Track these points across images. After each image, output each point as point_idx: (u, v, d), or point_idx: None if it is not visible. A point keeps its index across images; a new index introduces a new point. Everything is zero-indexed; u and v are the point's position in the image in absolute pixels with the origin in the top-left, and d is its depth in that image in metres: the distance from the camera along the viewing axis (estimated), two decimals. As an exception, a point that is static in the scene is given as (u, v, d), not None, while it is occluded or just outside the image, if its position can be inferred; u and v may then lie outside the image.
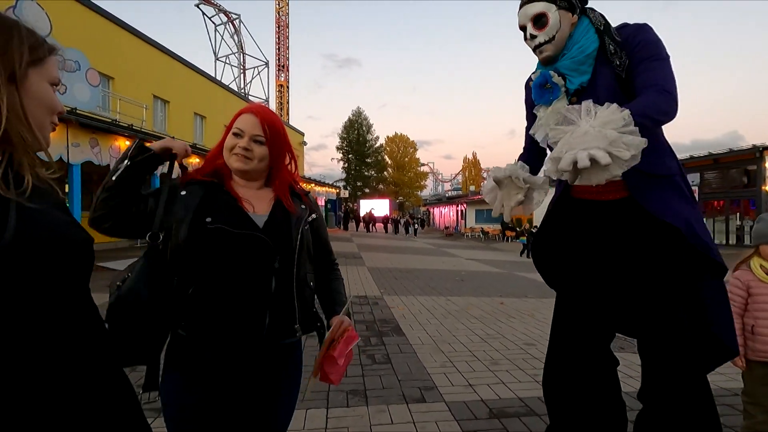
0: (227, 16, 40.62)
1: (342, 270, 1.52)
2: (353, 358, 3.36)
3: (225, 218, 1.11)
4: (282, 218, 1.17)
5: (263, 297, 1.11)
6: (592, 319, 1.56)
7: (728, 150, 19.66)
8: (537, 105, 1.53)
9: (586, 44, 1.44)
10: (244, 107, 1.22)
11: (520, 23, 1.52)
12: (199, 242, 1.09)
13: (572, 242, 1.58)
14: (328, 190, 28.76)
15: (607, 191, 1.45)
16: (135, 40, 14.02)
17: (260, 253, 1.11)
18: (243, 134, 1.15)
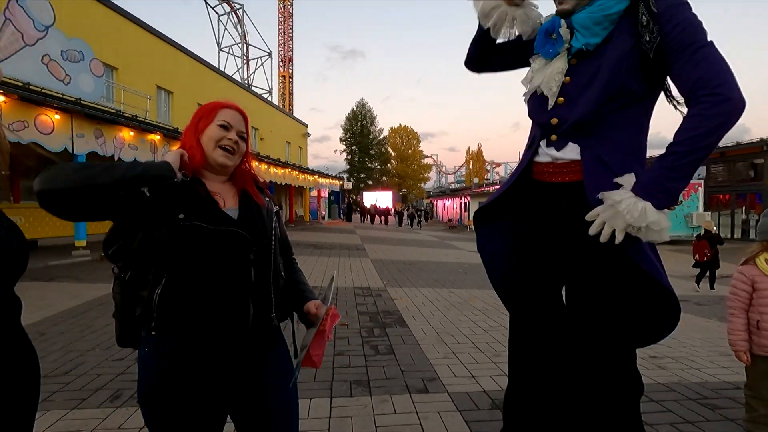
0: (230, 5, 40.34)
1: (345, 262, 1.58)
2: (357, 348, 3.40)
3: (200, 214, 1.08)
4: (254, 211, 1.18)
5: (245, 288, 1.12)
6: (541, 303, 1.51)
7: (735, 143, 19.48)
8: (535, 54, 1.40)
9: (611, 3, 1.24)
10: (220, 101, 1.19)
11: None
12: (173, 239, 1.06)
13: (534, 220, 1.48)
14: (332, 181, 28.72)
15: (563, 173, 1.36)
16: (139, 30, 13.97)
17: (237, 247, 1.11)
18: (231, 128, 1.15)
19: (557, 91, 1.33)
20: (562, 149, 1.35)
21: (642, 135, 1.31)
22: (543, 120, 1.37)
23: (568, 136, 1.32)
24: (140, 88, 13.16)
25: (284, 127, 28.05)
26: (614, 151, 1.26)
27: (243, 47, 41.63)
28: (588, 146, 1.29)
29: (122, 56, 12.84)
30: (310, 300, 1.25)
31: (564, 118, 1.31)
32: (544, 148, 1.40)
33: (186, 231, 1.06)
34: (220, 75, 20.70)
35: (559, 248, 1.41)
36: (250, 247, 1.14)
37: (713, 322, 4.95)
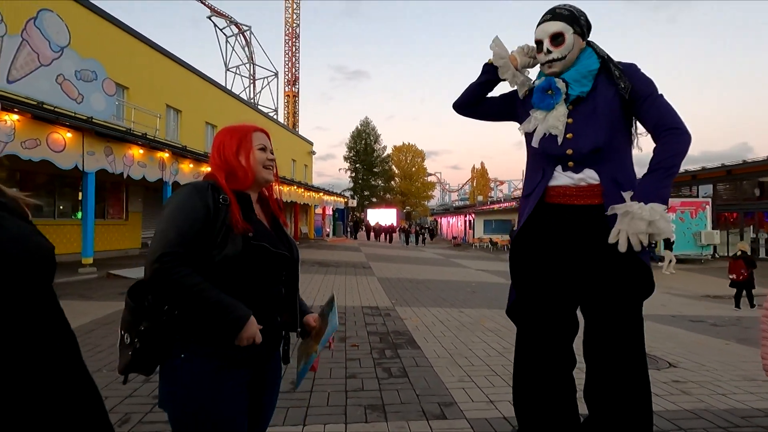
0: (238, 27, 41.36)
1: (352, 280, 1.72)
2: (369, 370, 3.31)
3: (263, 235, 1.19)
4: (283, 231, 1.31)
5: (277, 306, 1.24)
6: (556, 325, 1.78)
7: (742, 161, 19.42)
8: (534, 108, 1.74)
9: (590, 63, 1.67)
10: (248, 125, 1.30)
11: (537, 38, 1.71)
12: (244, 257, 1.12)
13: (546, 241, 1.74)
14: (336, 199, 28.80)
15: (586, 196, 1.66)
16: (150, 51, 14.28)
17: (279, 267, 1.23)
18: (266, 149, 1.28)
19: (563, 129, 1.67)
20: (581, 173, 1.67)
21: (630, 158, 1.74)
22: (558, 152, 1.68)
23: (584, 164, 1.65)
24: (150, 107, 13.36)
25: (290, 145, 28.31)
26: (624, 173, 1.63)
27: (250, 67, 42.46)
28: (604, 170, 1.63)
29: (134, 76, 13.09)
30: (309, 314, 1.41)
31: (578, 148, 1.65)
32: (560, 173, 1.71)
33: (252, 250, 1.14)
34: (227, 94, 21.03)
35: (577, 265, 1.68)
36: (288, 268, 1.26)
37: (732, 344, 4.82)
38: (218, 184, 1.17)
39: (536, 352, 1.80)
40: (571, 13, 1.66)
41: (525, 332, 1.86)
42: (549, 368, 1.78)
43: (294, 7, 43.63)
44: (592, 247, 1.63)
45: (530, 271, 1.79)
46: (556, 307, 1.75)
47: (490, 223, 31.21)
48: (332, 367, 3.33)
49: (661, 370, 3.49)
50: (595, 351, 1.71)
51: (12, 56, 7.22)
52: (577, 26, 1.66)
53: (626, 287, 1.63)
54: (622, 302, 1.64)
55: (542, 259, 1.75)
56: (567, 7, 1.68)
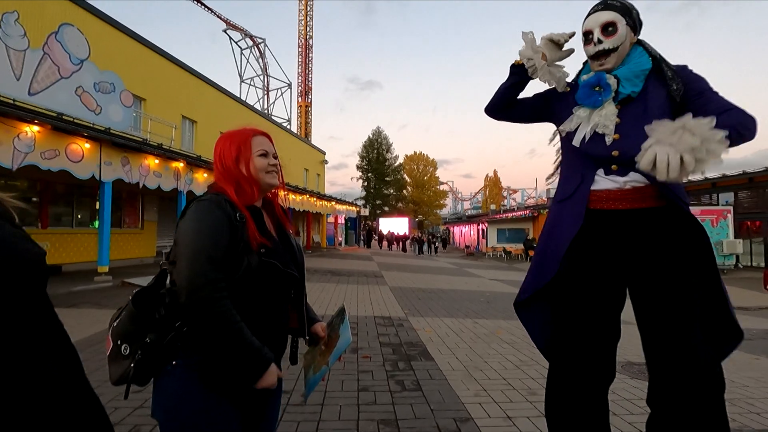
0: (253, 40, 42.17)
1: (364, 289, 1.65)
2: (382, 383, 3.22)
3: (274, 252, 1.13)
4: (292, 245, 1.26)
5: (284, 324, 1.20)
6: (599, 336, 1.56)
7: (764, 168, 18.87)
8: (578, 105, 1.60)
9: (643, 61, 1.55)
10: (246, 129, 1.24)
11: (586, 28, 1.57)
12: (257, 274, 1.09)
13: (599, 258, 1.56)
14: (348, 208, 28.84)
15: (637, 200, 1.50)
16: (167, 63, 14.58)
17: (288, 286, 1.19)
18: (268, 154, 1.23)
19: (613, 129, 1.53)
20: (626, 176, 1.51)
21: None
22: (604, 153, 1.54)
23: (630, 166, 1.47)
24: (166, 118, 13.60)
25: (303, 155, 28.54)
26: (677, 187, 1.48)
27: (264, 79, 43.16)
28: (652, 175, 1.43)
29: (150, 87, 13.37)
30: (318, 322, 1.36)
31: (624, 150, 1.48)
32: (603, 177, 1.55)
33: (265, 268, 1.09)
34: (241, 105, 21.35)
35: (625, 269, 1.51)
36: (295, 287, 1.22)
37: (763, 359, 4.60)
38: (230, 198, 1.12)
39: (577, 403, 1.54)
40: (623, 4, 1.55)
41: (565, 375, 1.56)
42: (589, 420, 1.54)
43: (307, 20, 44.35)
44: (648, 257, 1.45)
45: (584, 299, 1.54)
46: (605, 345, 1.53)
47: (504, 231, 30.86)
48: (344, 380, 3.25)
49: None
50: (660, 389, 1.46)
51: (33, 69, 7.41)
52: (629, 18, 1.54)
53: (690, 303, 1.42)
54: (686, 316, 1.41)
55: (596, 283, 1.53)
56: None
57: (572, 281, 1.56)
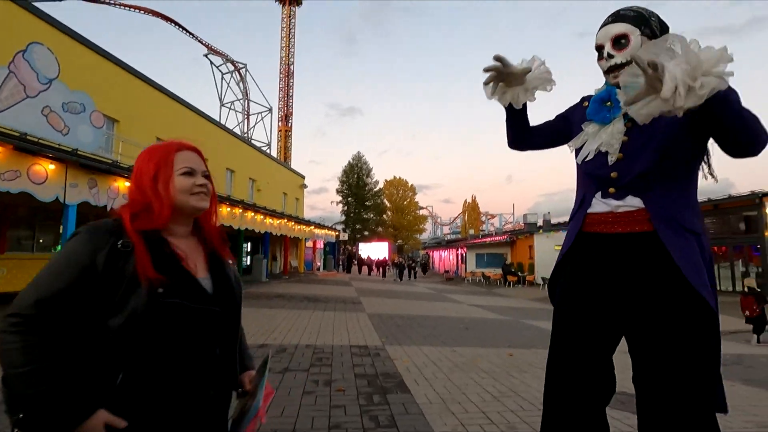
0: (234, 65, 42.39)
1: (341, 316, 1.44)
2: (355, 419, 3.04)
3: (179, 288, 0.93)
4: (226, 279, 1.07)
5: (208, 377, 0.98)
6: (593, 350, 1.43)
7: (728, 196, 19.75)
8: (587, 120, 1.51)
9: None
10: (172, 143, 1.08)
11: (598, 42, 1.47)
12: (149, 320, 0.88)
13: (587, 274, 1.47)
14: (327, 232, 28.58)
15: (626, 223, 1.39)
16: (140, 84, 14.39)
17: (211, 328, 0.98)
18: (195, 172, 1.05)
19: (618, 148, 1.43)
20: (622, 200, 1.42)
21: (694, 189, 1.42)
22: (603, 174, 1.45)
23: (628, 189, 1.40)
24: (141, 140, 13.30)
25: (282, 179, 28.34)
26: (672, 204, 1.35)
27: (244, 103, 43.19)
28: (649, 199, 1.37)
29: (124, 109, 13.12)
30: (249, 369, 1.17)
31: (624, 172, 1.40)
32: (599, 200, 1.47)
33: (164, 311, 0.89)
34: (220, 128, 21.18)
35: (620, 299, 1.39)
36: (221, 325, 1.00)
37: (737, 385, 4.60)
38: (123, 224, 0.95)
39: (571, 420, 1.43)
40: (638, 13, 1.42)
41: (557, 393, 1.47)
42: None
43: (289, 47, 45.02)
44: (639, 282, 1.34)
45: (568, 316, 1.48)
46: (595, 360, 1.43)
47: (483, 257, 31.07)
48: (315, 416, 3.05)
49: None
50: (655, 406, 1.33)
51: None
52: (646, 28, 1.40)
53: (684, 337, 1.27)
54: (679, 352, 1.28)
55: (581, 302, 1.46)
56: (633, 8, 1.44)
57: (562, 301, 1.52)
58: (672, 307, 1.28)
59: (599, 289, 1.42)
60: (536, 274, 24.39)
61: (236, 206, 14.33)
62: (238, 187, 21.35)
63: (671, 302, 1.28)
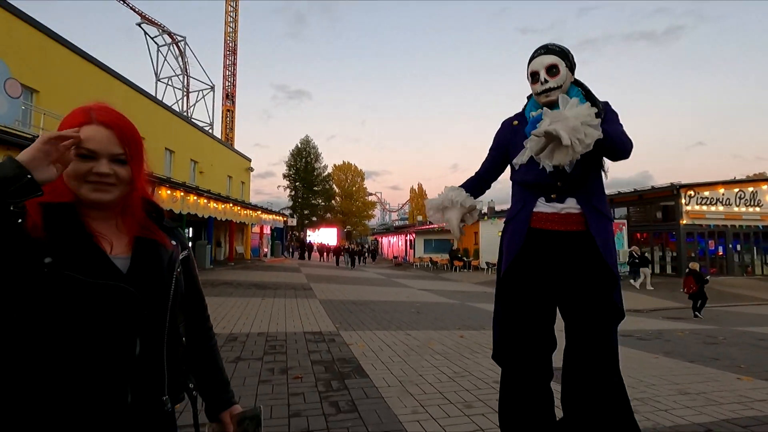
0: (172, 37, 39.44)
1: (292, 303, 1.32)
2: (315, 406, 3.00)
3: (74, 260, 0.78)
4: (151, 260, 0.90)
5: (123, 367, 0.82)
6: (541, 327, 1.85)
7: (651, 187, 21.66)
8: (528, 139, 1.79)
9: (580, 99, 1.74)
10: (82, 110, 0.89)
11: (533, 69, 1.81)
12: (30, 293, 0.75)
13: (537, 271, 1.83)
14: (275, 217, 27.82)
15: (569, 223, 1.79)
16: (66, 52, 12.96)
17: (122, 309, 0.82)
18: (97, 156, 0.84)
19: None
20: (564, 202, 1.80)
21: (602, 185, 1.89)
22: (548, 181, 1.79)
23: (567, 193, 1.79)
24: (65, 113, 12.02)
25: (226, 161, 27.04)
26: (597, 198, 1.81)
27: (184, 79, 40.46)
28: (582, 198, 1.78)
29: (45, 78, 11.76)
30: (232, 405, 1.04)
31: (564, 179, 1.78)
32: (543, 203, 1.82)
33: (51, 284, 0.75)
34: (157, 104, 19.69)
35: (557, 278, 1.81)
36: (140, 310, 0.84)
37: (661, 357, 5.10)
38: None
39: (526, 394, 1.84)
40: (561, 49, 1.81)
41: (514, 375, 1.88)
42: (537, 410, 1.84)
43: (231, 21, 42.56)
44: (574, 273, 1.77)
45: (523, 306, 1.83)
46: (544, 345, 1.85)
47: (431, 242, 31.84)
48: (273, 405, 2.98)
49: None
50: (575, 367, 1.81)
51: None
52: (567, 61, 1.79)
53: (601, 310, 1.77)
54: (597, 326, 1.78)
55: (534, 292, 1.82)
56: (557, 45, 1.83)
57: (513, 287, 1.85)
58: (595, 278, 1.76)
59: (544, 272, 1.80)
60: (481, 259, 25.43)
61: (177, 189, 13.49)
62: (179, 168, 20.08)
63: (594, 275, 1.76)
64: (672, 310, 12.57)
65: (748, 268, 21.70)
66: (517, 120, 1.92)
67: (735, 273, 20.84)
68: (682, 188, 19.92)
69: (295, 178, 49.96)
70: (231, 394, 1.07)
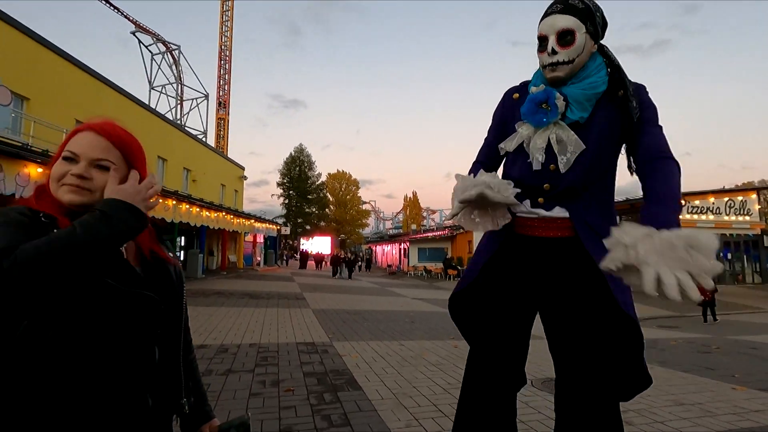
0: (166, 46, 39.45)
1: (285, 313, 1.35)
2: (307, 419, 2.93)
3: (108, 267, 0.82)
4: (160, 270, 0.95)
5: (146, 373, 0.86)
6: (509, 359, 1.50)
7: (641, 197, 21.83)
8: (521, 121, 1.43)
9: (598, 83, 1.36)
10: (81, 125, 0.92)
11: (541, 32, 1.36)
12: (76, 301, 0.77)
13: (513, 270, 1.49)
14: (268, 226, 27.66)
15: (550, 229, 1.42)
16: (57, 59, 12.87)
17: (145, 317, 0.86)
18: (78, 158, 0.86)
19: (546, 157, 1.39)
20: (550, 211, 1.42)
21: (612, 196, 1.45)
22: (535, 183, 1.42)
23: (557, 200, 1.40)
24: (56, 121, 11.90)
25: (219, 170, 26.92)
26: (596, 215, 1.38)
27: (177, 87, 40.39)
28: (574, 210, 1.38)
29: (36, 85, 11.67)
30: (212, 418, 1.07)
31: (555, 183, 1.39)
32: (528, 208, 1.44)
33: (92, 291, 0.77)
34: (150, 112, 19.60)
35: (538, 291, 1.45)
36: (159, 318, 0.88)
37: (655, 367, 5.09)
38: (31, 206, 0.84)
39: (488, 400, 1.51)
40: (586, 6, 1.33)
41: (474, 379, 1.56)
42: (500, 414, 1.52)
43: (225, 30, 42.70)
44: (559, 276, 1.39)
45: (493, 316, 1.49)
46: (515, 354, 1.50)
47: (425, 251, 31.83)
48: (264, 419, 2.90)
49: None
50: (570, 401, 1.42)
51: None
52: (591, 25, 1.33)
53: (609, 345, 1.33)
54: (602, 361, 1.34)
55: (507, 297, 1.48)
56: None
57: (486, 293, 1.51)
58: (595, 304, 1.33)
59: (523, 284, 1.46)
60: (474, 268, 25.41)
61: (169, 197, 13.37)
62: (171, 176, 19.94)
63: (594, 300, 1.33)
64: (665, 318, 12.61)
65: (739, 276, 21.91)
66: (519, 93, 1.50)
67: (726, 281, 21.02)
68: (673, 197, 20.14)
69: (289, 187, 49.85)
70: (210, 407, 1.09)
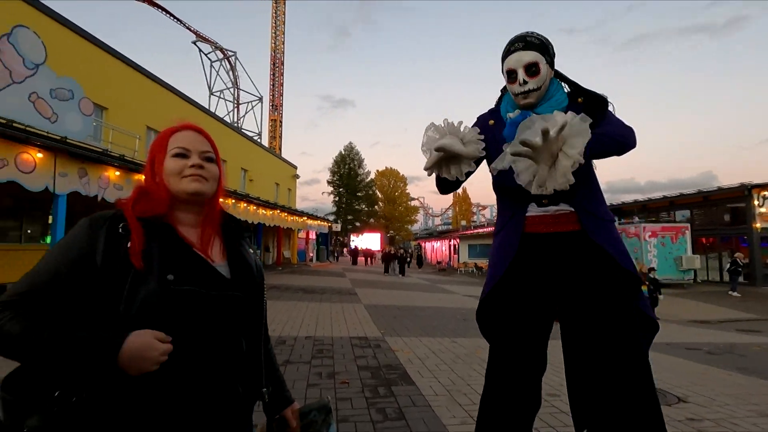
0: (223, 53, 41.60)
1: (338, 308, 1.40)
2: (362, 412, 3.00)
3: (191, 275, 0.86)
4: (244, 265, 1.00)
5: (235, 364, 0.93)
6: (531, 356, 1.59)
7: (717, 188, 20.00)
8: (507, 143, 1.60)
9: (561, 98, 1.60)
10: (174, 127, 1.00)
11: (509, 67, 1.58)
12: (163, 310, 0.81)
13: (532, 275, 1.61)
14: (320, 223, 28.44)
15: (558, 224, 1.58)
16: (130, 71, 14.03)
17: (232, 314, 0.92)
18: (189, 153, 0.96)
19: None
20: (557, 205, 1.59)
21: (598, 185, 1.66)
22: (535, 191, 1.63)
23: (559, 198, 1.57)
24: (129, 128, 13.00)
25: (274, 169, 28.04)
26: (591, 202, 1.59)
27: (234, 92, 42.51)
28: (576, 202, 1.57)
29: (113, 96, 12.78)
30: (292, 402, 1.12)
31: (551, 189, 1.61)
32: (536, 209, 1.62)
33: (178, 299, 0.82)
34: (210, 116, 20.83)
35: (554, 288, 1.58)
36: (245, 313, 0.94)
37: (735, 374, 4.67)
38: (125, 211, 0.90)
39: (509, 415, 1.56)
40: (541, 41, 1.58)
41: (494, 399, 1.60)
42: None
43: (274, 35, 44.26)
44: (577, 275, 1.54)
45: (514, 318, 1.59)
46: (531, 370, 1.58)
47: (475, 247, 31.19)
48: None
49: (672, 406, 3.29)
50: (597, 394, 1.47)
51: (-18, 73, 6.88)
52: (547, 56, 1.58)
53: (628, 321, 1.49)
54: (624, 340, 1.47)
55: (527, 303, 1.58)
56: (536, 36, 1.60)
57: (506, 300, 1.61)
58: (608, 285, 1.51)
59: (541, 281, 1.58)
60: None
61: (228, 197, 14.14)
62: (230, 177, 21.07)
63: (608, 282, 1.50)
64: (744, 322, 11.50)
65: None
66: (493, 119, 1.71)
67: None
68: (754, 188, 18.21)
69: (339, 184, 50.88)
70: (289, 393, 1.14)
